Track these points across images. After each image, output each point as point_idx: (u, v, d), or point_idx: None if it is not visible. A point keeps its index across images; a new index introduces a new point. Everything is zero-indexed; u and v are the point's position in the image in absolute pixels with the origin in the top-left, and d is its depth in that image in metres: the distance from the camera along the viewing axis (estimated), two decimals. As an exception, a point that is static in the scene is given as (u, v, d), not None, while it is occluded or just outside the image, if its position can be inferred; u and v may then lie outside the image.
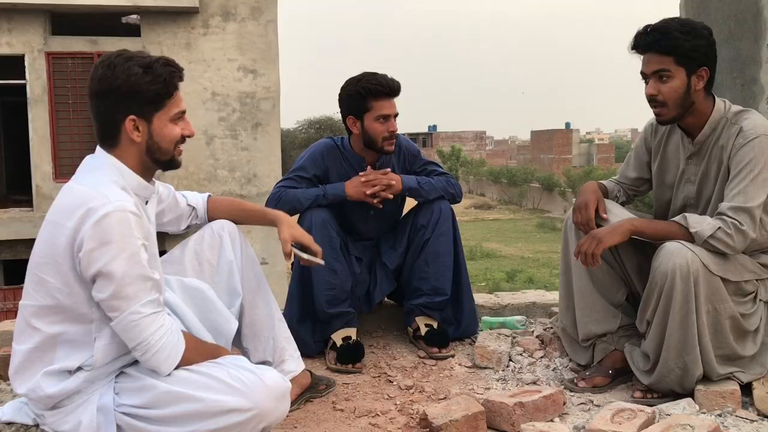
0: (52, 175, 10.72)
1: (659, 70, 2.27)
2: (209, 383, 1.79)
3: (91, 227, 1.71)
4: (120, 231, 1.73)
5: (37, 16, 10.43)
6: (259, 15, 11.03)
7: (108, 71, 1.82)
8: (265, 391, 1.80)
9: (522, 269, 22.16)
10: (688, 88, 2.28)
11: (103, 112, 1.86)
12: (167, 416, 1.78)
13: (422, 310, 2.89)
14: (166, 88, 1.86)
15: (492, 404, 2.16)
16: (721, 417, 2.16)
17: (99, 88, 1.84)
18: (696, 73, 2.27)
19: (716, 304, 2.20)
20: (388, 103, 2.77)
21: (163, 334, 1.79)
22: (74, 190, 1.81)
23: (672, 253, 2.18)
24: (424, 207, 2.91)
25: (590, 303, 2.51)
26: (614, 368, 2.47)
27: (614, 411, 2.05)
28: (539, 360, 2.72)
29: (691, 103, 2.30)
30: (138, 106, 1.84)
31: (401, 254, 2.94)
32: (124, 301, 1.75)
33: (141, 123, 1.86)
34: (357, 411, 2.31)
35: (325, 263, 2.34)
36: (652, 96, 2.30)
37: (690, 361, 2.20)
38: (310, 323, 2.81)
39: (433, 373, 2.68)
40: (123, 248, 1.73)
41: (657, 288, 2.21)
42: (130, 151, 1.88)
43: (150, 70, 1.83)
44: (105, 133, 1.88)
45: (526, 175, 42.62)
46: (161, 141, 1.89)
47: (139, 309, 1.76)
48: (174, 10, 10.59)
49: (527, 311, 3.27)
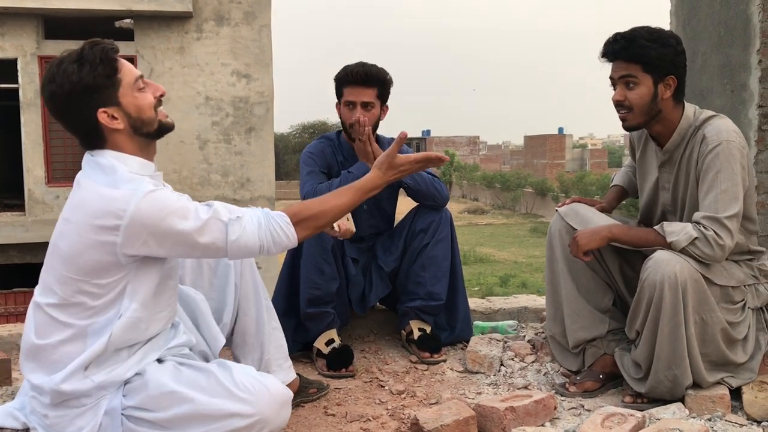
0: (45, 180, 10.68)
1: (626, 76, 2.29)
2: (214, 388, 1.80)
3: (133, 220, 1.73)
4: (158, 208, 1.75)
5: (30, 20, 10.40)
6: (252, 20, 11.03)
7: (53, 85, 1.80)
8: (268, 398, 1.81)
9: (515, 274, 22.19)
10: (654, 96, 2.29)
11: (74, 122, 1.84)
12: (170, 419, 1.78)
13: (417, 313, 2.89)
14: (110, 66, 1.81)
15: (483, 409, 2.16)
16: (710, 421, 2.17)
17: (56, 103, 1.81)
18: (663, 81, 2.28)
19: (704, 315, 2.21)
20: (356, 90, 2.80)
21: (258, 224, 1.85)
22: (98, 191, 1.78)
23: (661, 263, 2.18)
24: (423, 211, 2.90)
25: (577, 309, 2.51)
26: (604, 372, 2.48)
27: (604, 415, 2.06)
28: (530, 365, 2.73)
29: (658, 111, 2.31)
30: (98, 96, 1.80)
31: (397, 257, 2.94)
32: (214, 243, 1.80)
33: (112, 110, 1.82)
34: (348, 416, 2.31)
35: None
36: (619, 102, 2.33)
37: (680, 374, 2.21)
38: (293, 321, 2.81)
39: (425, 377, 2.69)
40: (171, 214, 1.75)
41: (646, 299, 2.21)
42: (121, 140, 1.85)
43: (83, 59, 1.79)
44: (88, 138, 1.86)
45: (520, 180, 42.72)
46: (141, 113, 1.85)
47: (229, 233, 1.80)
48: (167, 14, 10.58)
49: (519, 316, 3.28)
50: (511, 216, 40.00)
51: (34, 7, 10.17)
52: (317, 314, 2.76)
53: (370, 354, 2.94)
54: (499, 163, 60.53)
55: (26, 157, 10.63)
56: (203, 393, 1.79)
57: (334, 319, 2.80)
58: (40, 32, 10.52)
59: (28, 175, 10.66)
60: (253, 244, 1.85)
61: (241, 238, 1.83)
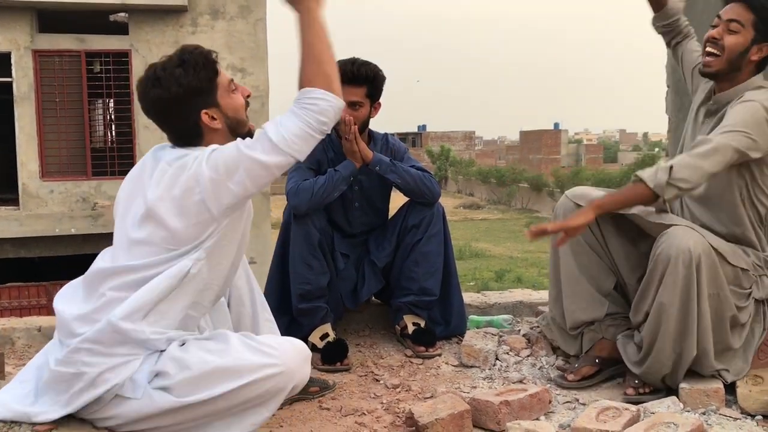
0: (39, 174, 10.65)
1: (735, 20, 2.29)
2: (239, 347, 1.86)
3: (206, 163, 1.85)
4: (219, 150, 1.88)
5: (24, 13, 10.35)
6: (248, 13, 11.00)
7: (158, 89, 1.90)
8: (292, 351, 1.90)
9: (511, 269, 22.19)
10: (745, 51, 2.31)
11: (176, 123, 1.96)
12: (195, 378, 1.81)
13: (410, 308, 2.89)
14: (212, 69, 1.95)
15: (478, 403, 2.16)
16: (705, 415, 2.17)
17: (162, 105, 1.92)
18: (760, 43, 2.30)
19: (718, 290, 2.22)
20: (344, 89, 2.75)
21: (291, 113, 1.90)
22: (179, 160, 1.89)
23: (675, 237, 2.18)
24: (415, 206, 2.89)
25: (577, 291, 2.51)
26: (600, 357, 2.48)
27: (599, 409, 2.07)
28: (525, 359, 2.73)
29: (738, 67, 2.33)
30: (203, 99, 1.94)
31: (390, 253, 2.93)
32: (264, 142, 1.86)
33: (213, 111, 1.96)
34: (343, 410, 2.31)
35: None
36: (714, 39, 2.32)
37: (686, 347, 2.22)
38: (286, 318, 2.80)
39: (420, 371, 2.69)
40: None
41: (659, 273, 2.20)
42: (217, 139, 1.97)
43: (186, 64, 1.91)
44: (187, 136, 1.97)
45: (515, 175, 42.69)
46: (236, 114, 2.00)
47: (272, 136, 1.85)
48: (162, 8, 10.54)
49: (514, 310, 3.27)
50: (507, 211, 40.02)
51: (28, 0, 10.12)
52: (310, 309, 2.75)
53: (365, 348, 2.94)
54: (494, 158, 60.50)
55: (20, 151, 10.59)
56: (229, 352, 1.85)
57: (327, 314, 2.79)
58: (34, 26, 10.48)
59: (22, 169, 10.62)
60: (297, 128, 1.86)
61: (286, 131, 1.85)
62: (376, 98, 2.85)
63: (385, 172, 2.79)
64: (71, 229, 10.22)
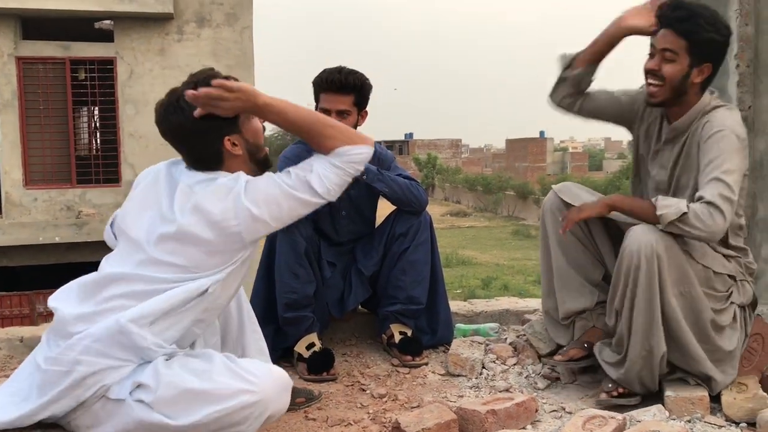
0: (23, 182, 10.54)
1: (668, 50, 2.30)
2: (220, 370, 1.85)
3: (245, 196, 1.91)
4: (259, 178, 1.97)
5: (7, 20, 10.26)
6: (234, 21, 10.97)
7: (179, 115, 1.92)
8: (271, 380, 1.88)
9: (497, 276, 22.22)
10: (686, 77, 2.31)
11: (197, 148, 1.97)
12: (174, 399, 1.79)
13: (397, 317, 2.88)
14: None
15: (464, 412, 2.16)
16: (690, 423, 2.19)
17: (183, 131, 1.94)
18: (699, 66, 2.31)
19: (684, 289, 2.24)
20: (331, 97, 2.77)
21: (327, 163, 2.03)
22: (204, 185, 1.93)
23: (639, 233, 2.22)
24: (402, 215, 2.89)
25: (568, 281, 2.56)
26: (590, 342, 2.51)
27: (585, 418, 2.07)
28: (512, 367, 2.73)
29: (683, 92, 2.34)
30: (225, 125, 1.95)
31: (377, 261, 2.92)
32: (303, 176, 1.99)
33: (235, 137, 1.98)
34: (329, 420, 2.30)
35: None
36: (653, 70, 2.33)
37: (655, 343, 2.23)
38: (272, 327, 2.78)
39: (407, 381, 2.68)
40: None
41: (624, 268, 2.24)
42: (236, 165, 1.99)
43: None
44: (207, 161, 1.98)
45: (501, 183, 42.84)
46: (255, 139, 2.03)
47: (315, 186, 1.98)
48: (148, 15, 10.49)
49: (500, 318, 3.27)
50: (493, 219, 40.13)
51: (12, 7, 10.04)
52: (296, 318, 2.74)
53: (352, 357, 2.93)
54: (481, 166, 60.71)
55: (3, 159, 10.48)
56: (210, 375, 1.83)
57: (313, 323, 2.78)
58: (18, 33, 10.39)
59: (6, 177, 10.51)
60: (339, 178, 2.01)
61: (329, 182, 1.98)
62: (363, 106, 2.85)
63: (373, 180, 2.78)
64: (55, 237, 10.13)
